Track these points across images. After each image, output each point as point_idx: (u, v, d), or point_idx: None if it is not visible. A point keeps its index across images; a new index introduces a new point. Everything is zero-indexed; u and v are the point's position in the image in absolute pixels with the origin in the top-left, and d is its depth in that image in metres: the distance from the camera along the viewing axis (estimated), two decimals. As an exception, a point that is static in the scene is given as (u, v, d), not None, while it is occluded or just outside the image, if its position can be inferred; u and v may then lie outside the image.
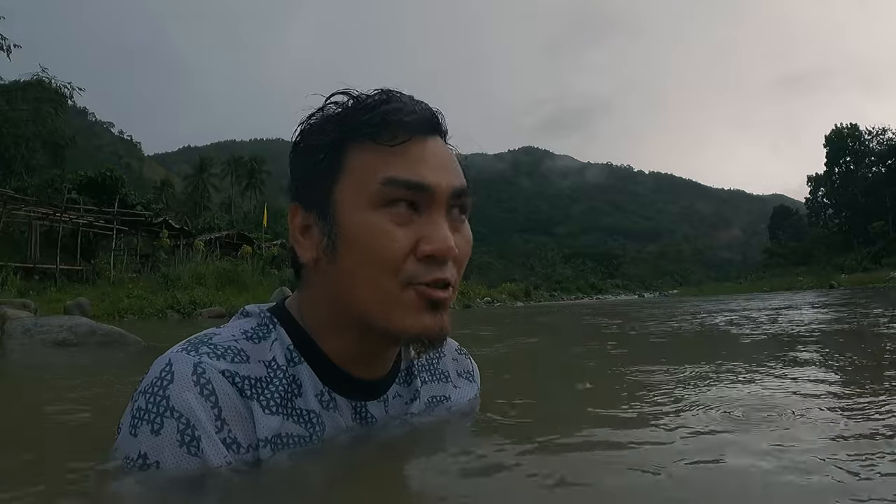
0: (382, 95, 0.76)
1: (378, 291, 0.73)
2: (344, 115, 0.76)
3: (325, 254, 0.75)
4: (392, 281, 0.72)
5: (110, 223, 19.39)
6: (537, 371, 2.62)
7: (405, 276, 0.72)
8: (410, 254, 0.72)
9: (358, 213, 0.73)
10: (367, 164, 0.74)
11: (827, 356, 2.39)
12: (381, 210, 0.72)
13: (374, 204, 0.73)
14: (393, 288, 0.72)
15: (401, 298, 0.73)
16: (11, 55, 21.94)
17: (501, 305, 21.84)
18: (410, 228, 0.73)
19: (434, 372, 0.95)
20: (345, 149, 0.75)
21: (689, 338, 4.11)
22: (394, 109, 0.74)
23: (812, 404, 1.24)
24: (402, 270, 0.72)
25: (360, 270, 0.73)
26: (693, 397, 1.33)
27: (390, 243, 0.71)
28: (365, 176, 0.73)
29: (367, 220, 0.72)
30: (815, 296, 12.89)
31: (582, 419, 1.09)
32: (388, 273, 0.72)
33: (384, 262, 0.72)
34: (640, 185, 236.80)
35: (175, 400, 0.68)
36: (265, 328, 0.79)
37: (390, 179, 0.72)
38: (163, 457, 0.67)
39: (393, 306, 0.73)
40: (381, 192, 0.72)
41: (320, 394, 0.78)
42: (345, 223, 0.73)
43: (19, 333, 4.30)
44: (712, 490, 0.67)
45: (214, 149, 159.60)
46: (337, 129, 0.76)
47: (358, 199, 0.73)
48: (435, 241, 0.72)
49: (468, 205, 0.79)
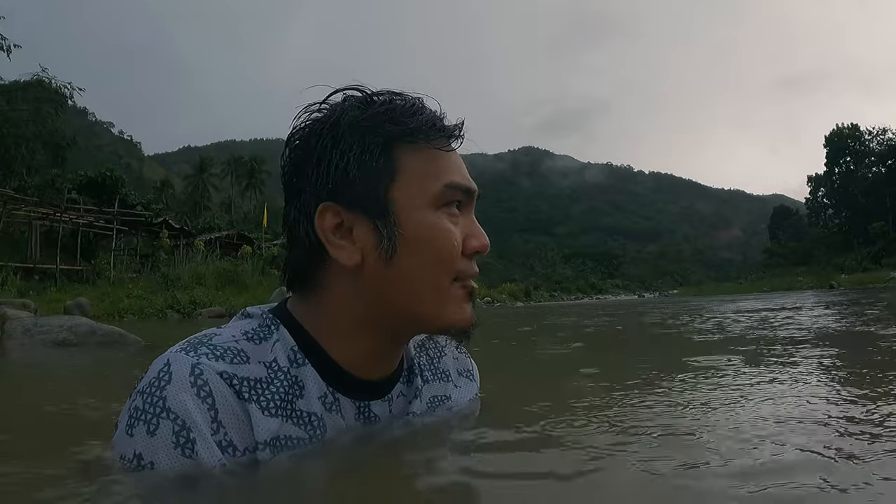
0: (415, 99, 0.79)
1: (434, 288, 0.77)
2: (393, 116, 0.76)
3: (380, 255, 0.75)
4: (446, 277, 0.77)
5: (110, 223, 19.40)
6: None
7: (456, 271, 0.78)
8: (461, 252, 0.78)
9: (420, 213, 0.76)
10: (427, 167, 0.77)
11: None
12: (441, 210, 0.77)
13: (434, 205, 0.77)
14: (446, 284, 0.77)
15: (450, 293, 0.78)
16: (11, 55, 21.92)
17: (501, 305, 21.85)
18: (459, 227, 0.78)
19: (435, 371, 0.95)
20: (394, 149, 0.76)
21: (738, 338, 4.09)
22: (436, 115, 0.79)
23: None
24: (454, 267, 0.77)
25: (422, 269, 0.76)
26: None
27: (452, 241, 0.77)
28: (425, 178, 0.77)
29: (431, 220, 0.76)
30: (831, 296, 12.82)
31: (588, 419, 1.09)
32: (445, 270, 0.77)
33: (446, 260, 0.76)
34: (640, 185, 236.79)
35: (171, 401, 0.68)
36: (266, 329, 0.78)
37: (453, 184, 0.78)
38: (157, 458, 0.67)
39: (446, 301, 0.78)
40: (443, 193, 0.77)
41: (324, 395, 0.77)
42: (407, 223, 0.75)
43: (19, 333, 4.30)
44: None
45: (214, 149, 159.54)
46: (390, 129, 0.76)
47: (419, 201, 0.76)
48: (481, 237, 0.80)
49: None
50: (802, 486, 0.66)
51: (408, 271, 0.75)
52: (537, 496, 0.66)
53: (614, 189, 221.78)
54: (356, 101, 0.78)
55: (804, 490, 0.65)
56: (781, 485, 0.65)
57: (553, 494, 0.66)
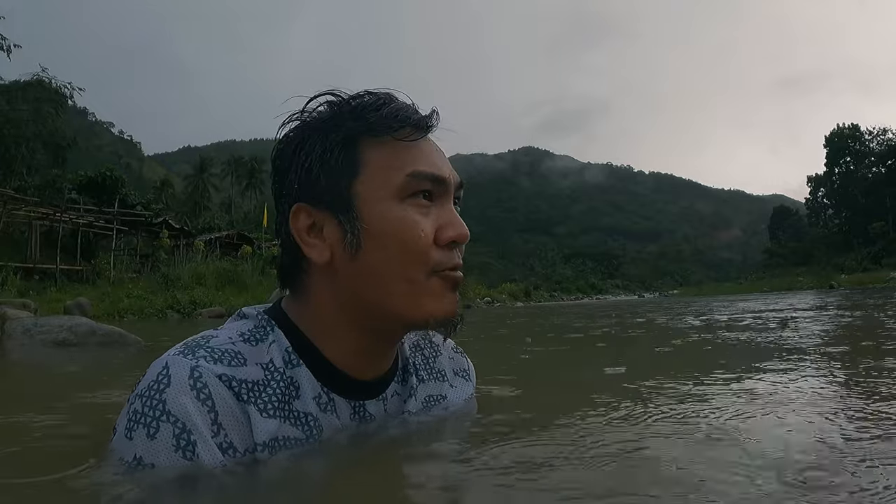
0: (384, 95, 0.78)
1: (407, 281, 0.75)
2: (355, 113, 0.77)
3: (346, 250, 0.75)
4: (420, 270, 0.75)
5: (110, 223, 19.39)
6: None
7: (433, 263, 0.75)
8: (433, 242, 0.76)
9: (384, 206, 0.75)
10: (389, 159, 0.76)
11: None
12: (405, 202, 0.75)
13: (398, 196, 0.75)
14: (421, 277, 0.75)
15: (428, 286, 0.76)
16: (11, 55, 21.92)
17: (501, 305, 21.84)
18: (430, 218, 0.76)
19: (431, 370, 0.95)
20: (358, 144, 0.76)
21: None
22: (402, 108, 0.78)
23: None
24: (428, 258, 0.75)
25: (389, 263, 0.75)
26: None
27: (419, 233, 0.75)
28: (388, 170, 0.75)
29: (395, 213, 0.75)
30: (835, 297, 12.78)
31: (586, 418, 1.09)
32: (417, 262, 0.75)
33: (414, 251, 0.74)
34: (640, 185, 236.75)
35: (171, 404, 0.68)
36: (262, 330, 0.79)
37: (417, 172, 0.75)
38: (158, 461, 0.67)
39: (421, 295, 0.76)
40: (407, 184, 0.75)
41: (318, 396, 0.78)
42: (370, 217, 0.75)
43: (19, 333, 4.30)
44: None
45: (214, 149, 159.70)
46: (351, 126, 0.76)
47: (382, 193, 0.75)
48: (456, 226, 0.77)
49: (461, 197, 0.84)
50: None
51: (375, 265, 0.75)
52: (535, 494, 0.66)
53: (614, 189, 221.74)
54: (326, 104, 0.80)
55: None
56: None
57: (550, 492, 0.66)
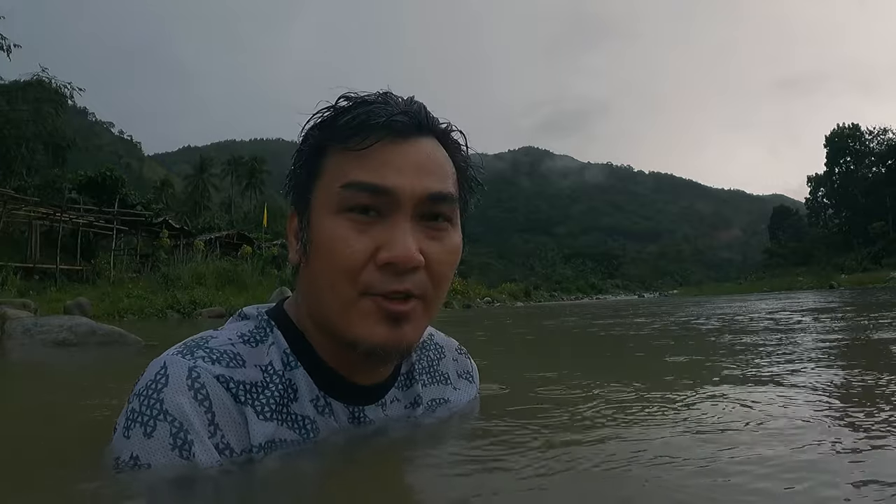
0: (366, 97, 0.75)
1: (337, 298, 0.71)
2: (324, 120, 0.76)
3: (302, 257, 0.77)
4: (349, 288, 0.70)
5: (110, 223, 19.37)
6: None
7: (362, 284, 0.70)
8: (370, 261, 0.70)
9: (323, 219, 0.73)
10: (334, 169, 0.73)
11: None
12: (342, 215, 0.71)
13: (335, 209, 0.71)
14: (350, 295, 0.71)
15: (358, 307, 0.71)
16: (11, 55, 21.91)
17: (501, 305, 21.83)
18: (369, 235, 0.70)
19: (434, 374, 0.94)
20: (325, 154, 0.75)
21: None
22: (366, 112, 0.72)
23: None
24: (359, 278, 0.70)
25: (322, 276, 0.73)
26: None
27: (346, 249, 0.70)
28: (330, 181, 0.73)
29: (328, 225, 0.72)
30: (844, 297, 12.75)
31: (592, 419, 1.09)
32: (345, 280, 0.70)
33: (340, 268, 0.70)
34: (640, 185, 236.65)
35: (169, 403, 0.67)
36: (262, 331, 0.78)
37: (350, 183, 0.70)
38: (154, 459, 0.67)
39: (351, 314, 0.71)
40: (342, 196, 0.71)
41: (315, 399, 0.77)
42: (313, 228, 0.74)
43: (19, 333, 4.30)
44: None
45: (214, 149, 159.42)
46: (317, 133, 0.76)
47: (324, 204, 0.73)
48: (393, 248, 0.69)
49: (452, 212, 0.75)
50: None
51: (316, 276, 0.74)
52: (535, 494, 0.66)
53: (614, 189, 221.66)
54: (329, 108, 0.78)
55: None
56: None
57: (549, 493, 0.66)
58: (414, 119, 0.74)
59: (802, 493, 0.64)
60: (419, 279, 0.71)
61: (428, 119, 0.75)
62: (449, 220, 0.75)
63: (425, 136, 0.75)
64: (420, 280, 0.71)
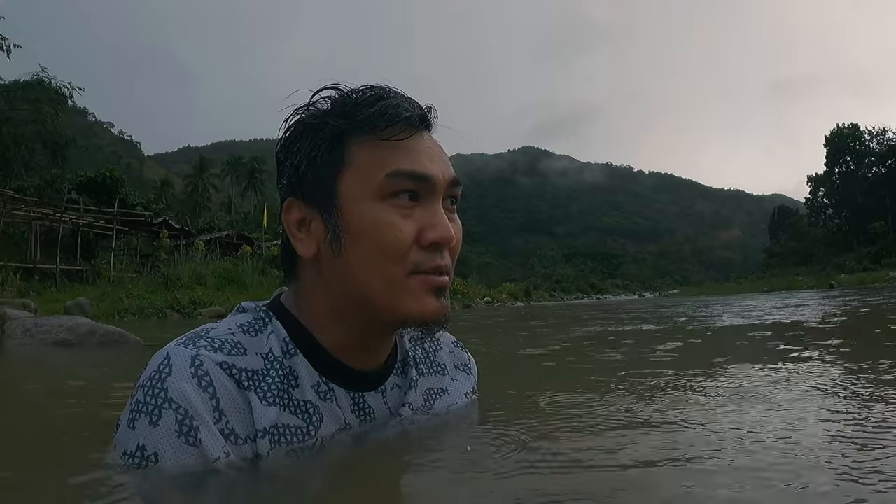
0: (378, 91, 0.78)
1: (385, 280, 0.75)
2: (344, 110, 0.78)
3: (330, 246, 0.77)
4: (399, 269, 0.75)
5: (110, 223, 19.37)
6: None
7: (410, 264, 0.75)
8: (414, 243, 0.75)
9: (363, 205, 0.75)
10: (371, 158, 0.76)
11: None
12: (386, 201, 0.75)
13: (379, 196, 0.75)
14: (400, 276, 0.75)
15: (407, 286, 0.76)
16: (11, 55, 21.90)
17: (501, 305, 21.83)
18: (413, 218, 0.76)
19: (431, 364, 0.96)
20: (346, 143, 0.77)
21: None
22: (393, 105, 0.77)
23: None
24: (407, 259, 0.75)
25: (367, 261, 0.75)
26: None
27: (397, 233, 0.74)
28: (370, 169, 0.76)
29: (372, 212, 0.75)
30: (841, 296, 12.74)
31: (589, 416, 1.09)
32: (395, 262, 0.75)
33: (391, 252, 0.74)
34: (640, 185, 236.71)
35: (173, 392, 0.68)
36: (261, 322, 0.80)
37: (396, 171, 0.75)
38: (161, 448, 0.67)
39: (400, 294, 0.76)
40: (387, 183, 0.75)
41: (317, 384, 0.79)
42: (350, 215, 0.75)
43: (19, 333, 4.30)
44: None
45: (214, 149, 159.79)
46: (338, 123, 0.77)
47: (362, 192, 0.75)
48: (439, 228, 0.76)
49: (458, 195, 0.83)
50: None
51: (355, 263, 0.76)
52: (534, 493, 0.66)
53: (614, 189, 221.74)
54: (326, 98, 0.80)
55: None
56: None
57: (551, 491, 0.66)
58: (426, 113, 0.81)
59: (803, 493, 0.64)
60: (447, 256, 0.78)
61: (432, 114, 0.82)
62: (455, 204, 0.82)
63: (428, 129, 0.82)
64: (447, 256, 0.79)
